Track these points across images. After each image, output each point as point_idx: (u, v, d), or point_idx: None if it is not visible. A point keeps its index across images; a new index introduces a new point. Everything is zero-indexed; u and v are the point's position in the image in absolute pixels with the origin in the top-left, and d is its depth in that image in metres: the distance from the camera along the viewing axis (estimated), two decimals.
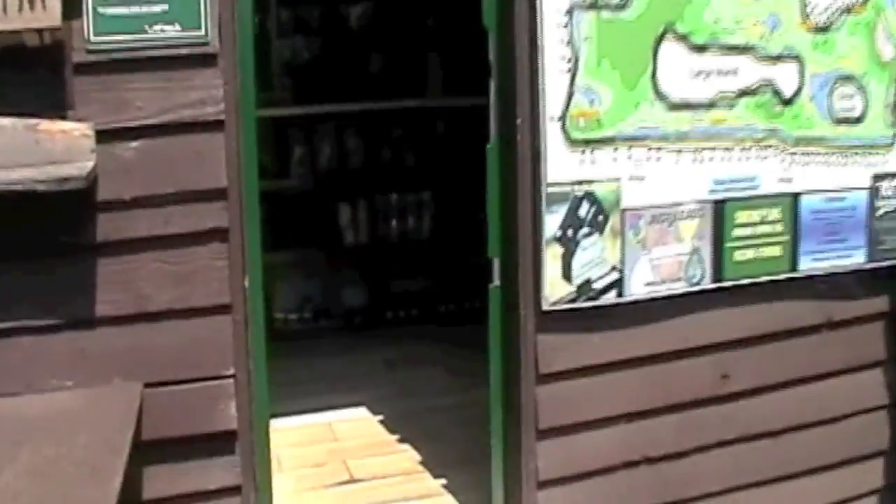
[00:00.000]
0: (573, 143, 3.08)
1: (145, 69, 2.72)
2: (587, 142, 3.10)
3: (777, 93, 3.36)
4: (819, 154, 3.44)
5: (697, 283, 3.32)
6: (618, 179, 3.16)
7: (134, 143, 2.73)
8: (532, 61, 3.04)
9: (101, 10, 2.67)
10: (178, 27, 2.73)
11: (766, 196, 3.39)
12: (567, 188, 3.10)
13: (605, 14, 3.08)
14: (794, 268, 3.45)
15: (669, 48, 3.19)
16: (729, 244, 3.35)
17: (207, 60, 2.76)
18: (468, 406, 4.14)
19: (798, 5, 3.36)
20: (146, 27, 2.71)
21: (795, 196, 3.43)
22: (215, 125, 2.79)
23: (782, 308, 3.46)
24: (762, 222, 3.39)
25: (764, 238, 3.40)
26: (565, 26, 3.04)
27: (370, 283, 5.76)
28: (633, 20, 3.12)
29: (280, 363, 3.36)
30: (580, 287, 3.15)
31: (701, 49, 3.24)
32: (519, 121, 3.07)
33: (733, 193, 3.34)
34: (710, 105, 3.27)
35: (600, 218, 3.15)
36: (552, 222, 3.09)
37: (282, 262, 5.40)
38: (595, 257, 3.16)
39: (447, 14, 5.63)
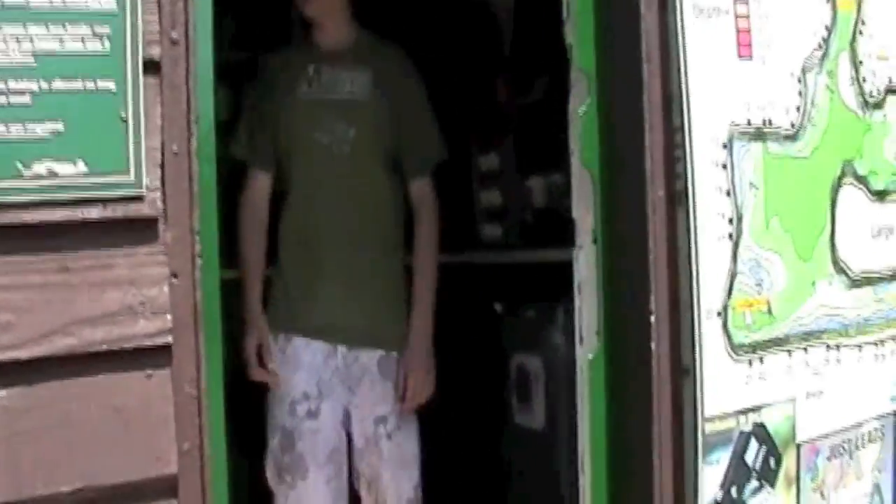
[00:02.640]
0: (738, 349, 1.80)
1: (17, 248, 1.27)
2: (755, 346, 1.83)
3: None
4: None
5: None
6: (793, 399, 1.89)
7: None
8: (672, 223, 1.76)
9: None
10: (82, 167, 1.30)
11: None
12: (731, 423, 1.80)
13: (773, 147, 1.85)
14: None
15: (848, 197, 1.99)
16: None
17: (140, 230, 1.35)
18: None
19: None
20: (19, 165, 1.26)
21: None
22: (155, 355, 1.35)
23: None
24: None
25: None
26: (724, 167, 1.78)
27: None
28: (808, 156, 1.90)
29: None
30: None
31: (881, 196, 2.06)
32: (653, 318, 1.76)
33: None
34: (893, 277, 2.08)
35: (772, 462, 1.86)
36: (712, 478, 1.77)
37: None
38: None
39: None
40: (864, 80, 2.01)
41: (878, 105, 2.04)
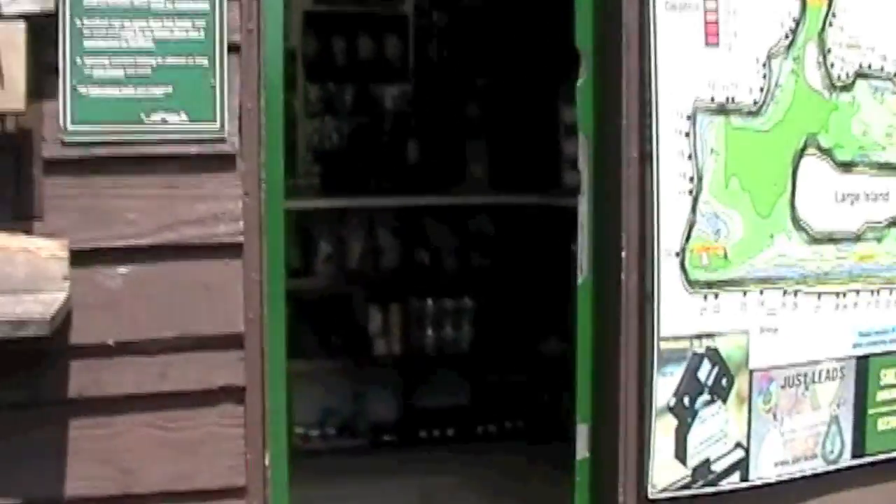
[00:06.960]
0: (693, 284, 2.20)
1: (140, 171, 1.89)
2: (710, 284, 2.22)
3: None
4: None
5: (836, 461, 2.41)
6: (746, 332, 2.27)
7: (122, 269, 1.88)
8: (643, 178, 2.18)
9: (82, 90, 1.83)
10: (184, 117, 1.88)
11: None
12: (685, 343, 2.20)
13: (736, 121, 2.23)
14: None
15: (811, 166, 2.33)
16: (873, 411, 2.45)
17: (223, 163, 1.92)
18: None
19: None
20: (142, 115, 1.87)
21: None
22: (231, 249, 1.93)
23: None
24: None
25: None
26: (687, 135, 2.18)
27: (402, 398, 4.81)
28: (769, 130, 2.27)
29: (298, 489, 2.32)
30: (696, 469, 2.23)
31: (847, 167, 2.38)
32: (624, 255, 2.19)
33: (879, 347, 2.45)
34: (857, 238, 2.40)
35: (724, 382, 2.25)
36: (665, 387, 2.18)
37: (302, 370, 4.44)
38: (716, 432, 2.25)
39: (496, 95, 4.75)
40: (831, 66, 2.33)
41: (847, 87, 2.36)
